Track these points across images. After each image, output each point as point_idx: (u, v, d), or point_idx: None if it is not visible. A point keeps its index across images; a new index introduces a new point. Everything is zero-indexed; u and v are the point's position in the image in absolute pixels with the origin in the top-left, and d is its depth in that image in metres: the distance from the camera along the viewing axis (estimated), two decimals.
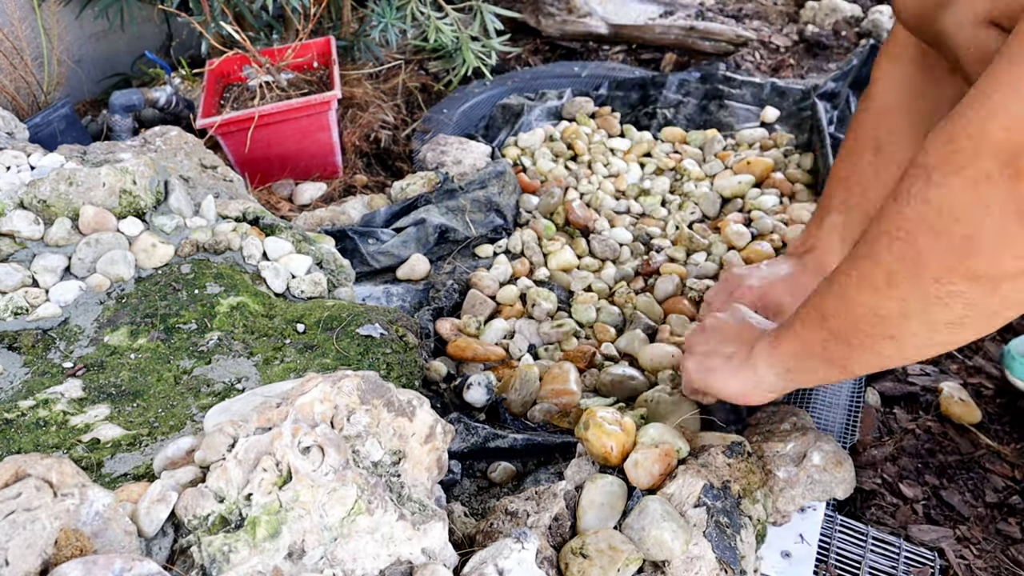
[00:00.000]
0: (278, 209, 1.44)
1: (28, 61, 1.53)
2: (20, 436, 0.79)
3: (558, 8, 2.01)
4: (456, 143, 1.49)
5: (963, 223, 0.52)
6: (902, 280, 0.57)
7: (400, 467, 0.64)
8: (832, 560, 0.81)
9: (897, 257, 0.57)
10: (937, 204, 0.53)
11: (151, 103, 1.60)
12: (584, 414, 0.77)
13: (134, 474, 0.74)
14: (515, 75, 1.85)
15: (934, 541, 0.85)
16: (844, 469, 0.81)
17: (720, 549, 0.68)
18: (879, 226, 0.59)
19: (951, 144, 0.52)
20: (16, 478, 0.54)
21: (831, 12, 2.04)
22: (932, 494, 0.91)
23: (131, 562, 0.50)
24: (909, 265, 0.56)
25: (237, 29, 1.43)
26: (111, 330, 0.93)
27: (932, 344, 0.61)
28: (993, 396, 1.01)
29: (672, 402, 0.89)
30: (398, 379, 0.90)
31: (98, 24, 1.81)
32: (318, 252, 1.12)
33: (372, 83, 1.75)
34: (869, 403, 1.01)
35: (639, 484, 0.72)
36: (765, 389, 0.76)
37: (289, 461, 0.58)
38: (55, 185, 0.99)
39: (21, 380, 0.87)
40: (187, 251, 1.03)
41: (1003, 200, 0.50)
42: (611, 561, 0.63)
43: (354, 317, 0.97)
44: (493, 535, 0.69)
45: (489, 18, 1.68)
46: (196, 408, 0.84)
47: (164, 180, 1.08)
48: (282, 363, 0.90)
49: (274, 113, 1.42)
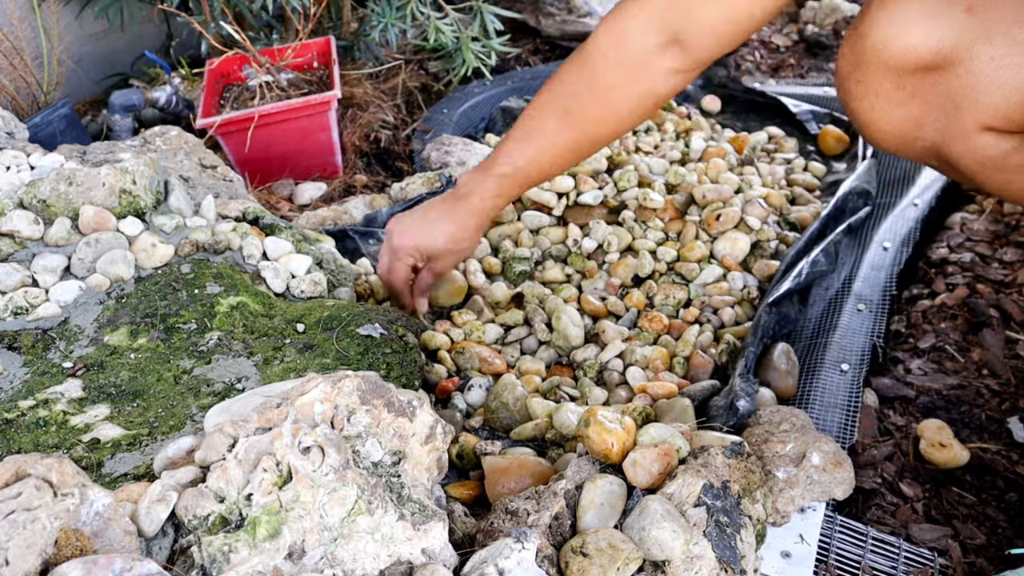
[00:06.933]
0: (278, 209, 1.44)
1: (28, 61, 1.53)
2: (20, 436, 0.79)
3: (558, 8, 2.01)
4: (460, 143, 1.49)
5: None
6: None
7: (400, 467, 0.64)
8: (832, 560, 0.81)
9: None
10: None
11: (151, 103, 1.60)
12: (585, 412, 0.77)
13: (134, 474, 0.74)
14: (515, 75, 1.85)
15: (934, 541, 0.86)
16: (843, 469, 0.81)
17: (720, 549, 0.68)
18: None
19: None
20: (16, 478, 0.54)
21: (831, 12, 2.04)
22: (932, 493, 0.91)
23: (131, 562, 0.50)
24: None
25: (237, 29, 1.43)
26: (111, 330, 0.93)
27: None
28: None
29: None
30: (398, 379, 0.90)
31: (98, 24, 1.81)
32: (318, 252, 1.12)
33: (372, 83, 1.75)
34: (868, 403, 1.01)
35: (639, 483, 0.72)
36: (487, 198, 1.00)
37: (289, 461, 0.58)
38: (55, 185, 0.99)
39: (21, 380, 0.87)
40: (187, 251, 1.03)
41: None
42: (611, 560, 0.63)
43: (354, 317, 0.97)
44: (493, 534, 0.69)
45: (489, 18, 1.68)
46: (196, 408, 0.84)
47: (164, 180, 1.08)
48: (282, 363, 0.90)
49: (274, 113, 1.42)
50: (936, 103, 0.69)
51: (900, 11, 0.67)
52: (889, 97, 0.71)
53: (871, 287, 1.17)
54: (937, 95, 0.68)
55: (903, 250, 1.23)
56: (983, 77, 0.64)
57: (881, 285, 1.17)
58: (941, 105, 0.69)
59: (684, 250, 1.25)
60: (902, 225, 1.28)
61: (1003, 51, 0.62)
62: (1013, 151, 0.67)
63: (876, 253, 1.23)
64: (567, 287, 1.22)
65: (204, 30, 1.48)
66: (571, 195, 1.33)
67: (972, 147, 0.69)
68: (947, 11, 0.64)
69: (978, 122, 0.67)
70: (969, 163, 0.70)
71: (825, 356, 1.05)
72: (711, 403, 0.96)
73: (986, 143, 0.68)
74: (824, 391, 1.00)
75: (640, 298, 1.19)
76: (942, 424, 0.94)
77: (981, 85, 0.65)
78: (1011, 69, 0.62)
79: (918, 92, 0.69)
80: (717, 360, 1.06)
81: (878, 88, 0.71)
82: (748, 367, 0.97)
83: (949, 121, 0.69)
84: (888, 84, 0.70)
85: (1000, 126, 0.66)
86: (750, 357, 0.99)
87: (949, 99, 0.68)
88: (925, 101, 0.69)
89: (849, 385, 1.01)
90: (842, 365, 1.04)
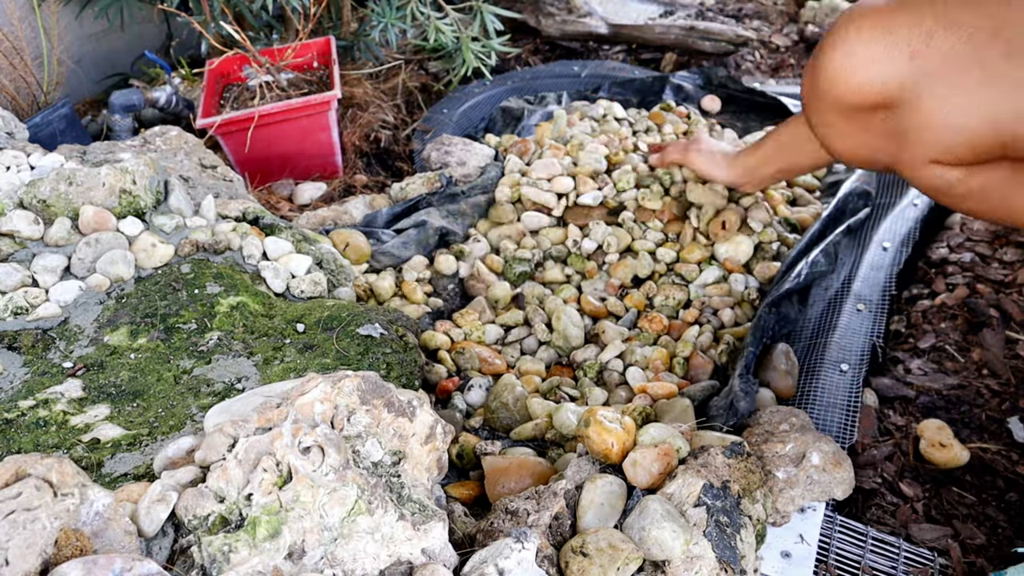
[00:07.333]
0: (278, 209, 1.44)
1: (28, 61, 1.53)
2: (20, 436, 0.79)
3: (558, 8, 2.01)
4: (460, 143, 1.49)
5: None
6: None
7: (400, 467, 0.64)
8: (832, 560, 0.81)
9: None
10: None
11: (151, 103, 1.60)
12: (585, 412, 0.77)
13: (134, 474, 0.74)
14: (515, 75, 1.85)
15: (934, 541, 0.86)
16: (843, 469, 0.81)
17: (720, 549, 0.68)
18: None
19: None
20: (16, 478, 0.54)
21: (831, 12, 2.04)
22: (932, 493, 0.91)
23: (131, 562, 0.50)
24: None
25: (237, 29, 1.43)
26: (111, 330, 0.93)
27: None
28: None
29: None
30: (398, 379, 0.90)
31: (98, 24, 1.81)
32: (318, 252, 1.12)
33: (372, 83, 1.75)
34: (868, 404, 1.01)
35: (638, 483, 0.72)
36: (745, 175, 1.20)
37: (289, 461, 0.58)
38: (55, 185, 0.99)
39: (21, 380, 0.87)
40: (187, 251, 1.03)
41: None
42: (611, 560, 0.63)
43: (354, 317, 0.97)
44: (493, 534, 0.69)
45: (489, 18, 1.68)
46: (196, 408, 0.84)
47: (164, 180, 1.08)
48: (282, 363, 0.90)
49: (274, 113, 1.42)
50: (885, 136, 0.75)
51: (849, 52, 0.72)
52: (843, 128, 0.78)
53: (871, 287, 1.17)
54: (886, 130, 0.74)
55: (903, 250, 1.23)
56: (927, 117, 0.69)
57: (881, 285, 1.18)
58: (890, 138, 0.74)
59: (684, 252, 1.25)
60: (902, 225, 1.28)
61: (944, 93, 0.67)
62: (958, 182, 0.73)
63: (876, 253, 1.23)
64: (567, 287, 1.23)
65: (204, 30, 1.48)
66: (571, 196, 1.33)
67: (921, 176, 0.75)
68: (893, 55, 0.69)
69: (925, 156, 0.72)
70: (921, 188, 0.77)
71: (825, 356, 1.05)
72: (711, 403, 0.96)
73: (933, 174, 0.73)
74: (824, 391, 1.00)
75: (640, 299, 1.19)
76: (942, 424, 0.94)
77: (926, 123, 0.70)
78: (954, 109, 0.67)
79: (869, 127, 0.75)
80: (717, 360, 1.06)
81: (832, 120, 0.78)
82: (748, 367, 0.97)
83: (899, 152, 0.74)
84: (841, 118, 0.77)
85: (945, 160, 0.71)
86: (750, 357, 0.99)
87: (896, 134, 0.73)
88: (875, 134, 0.76)
89: (849, 385, 1.01)
90: (842, 365, 1.04)
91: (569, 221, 1.33)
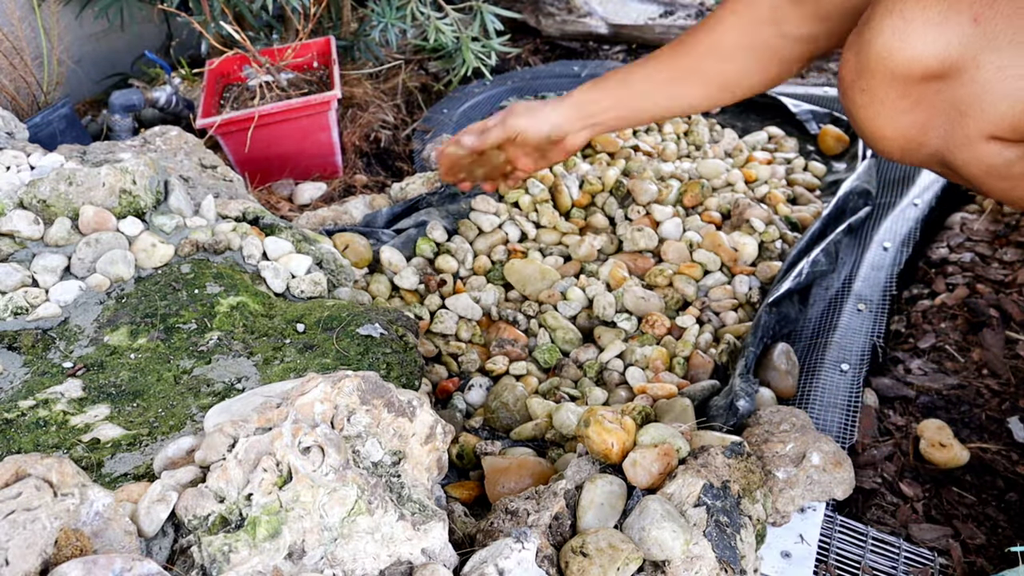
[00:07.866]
0: (278, 209, 1.44)
1: (28, 61, 1.53)
2: (20, 436, 0.79)
3: (558, 8, 2.01)
4: None
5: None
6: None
7: (400, 467, 0.64)
8: (832, 560, 0.81)
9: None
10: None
11: (151, 103, 1.60)
12: (585, 412, 0.77)
13: (134, 474, 0.74)
14: (515, 75, 1.85)
15: (934, 541, 0.86)
16: (843, 469, 0.81)
17: (720, 549, 0.68)
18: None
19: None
20: (16, 478, 0.54)
21: None
22: (932, 493, 0.91)
23: (131, 562, 0.50)
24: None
25: (237, 29, 1.43)
26: (111, 330, 0.93)
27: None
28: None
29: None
30: (398, 379, 0.90)
31: (98, 24, 1.81)
32: (318, 252, 1.12)
33: (372, 83, 1.75)
34: (868, 403, 1.01)
35: (638, 483, 0.72)
36: (577, 114, 1.04)
37: (289, 461, 0.58)
38: (55, 185, 0.99)
39: (21, 380, 0.87)
40: (187, 251, 1.03)
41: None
42: (611, 560, 0.63)
43: (354, 317, 0.97)
44: (493, 534, 0.69)
45: (489, 18, 1.68)
46: (196, 408, 0.84)
47: (164, 180, 1.08)
48: (282, 363, 0.90)
49: (274, 113, 1.42)
50: (941, 111, 0.69)
51: (905, 19, 0.66)
52: (894, 105, 0.71)
53: (871, 287, 1.17)
54: (942, 103, 0.68)
55: (903, 250, 1.23)
56: (989, 87, 0.64)
57: (881, 285, 1.18)
58: (946, 113, 0.68)
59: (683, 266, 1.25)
60: (902, 225, 1.28)
61: (1010, 62, 0.62)
62: (1017, 160, 0.67)
63: (876, 253, 1.23)
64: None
65: (204, 30, 1.48)
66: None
67: (976, 155, 0.68)
68: (953, 19, 0.64)
69: (983, 131, 0.66)
70: (973, 170, 0.70)
71: (825, 356, 1.05)
72: (711, 403, 0.96)
73: (990, 152, 0.67)
74: (824, 391, 1.00)
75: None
76: (942, 424, 0.94)
77: (987, 95, 0.64)
78: (1018, 80, 0.62)
79: (923, 100, 0.69)
80: (717, 360, 1.06)
81: (883, 96, 0.71)
82: (748, 367, 0.97)
83: (954, 129, 0.68)
84: (893, 92, 0.70)
85: (1005, 135, 0.66)
86: (750, 357, 0.99)
87: (954, 107, 0.67)
88: (930, 109, 0.69)
89: (849, 385, 1.01)
90: (842, 365, 1.04)
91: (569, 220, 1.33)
